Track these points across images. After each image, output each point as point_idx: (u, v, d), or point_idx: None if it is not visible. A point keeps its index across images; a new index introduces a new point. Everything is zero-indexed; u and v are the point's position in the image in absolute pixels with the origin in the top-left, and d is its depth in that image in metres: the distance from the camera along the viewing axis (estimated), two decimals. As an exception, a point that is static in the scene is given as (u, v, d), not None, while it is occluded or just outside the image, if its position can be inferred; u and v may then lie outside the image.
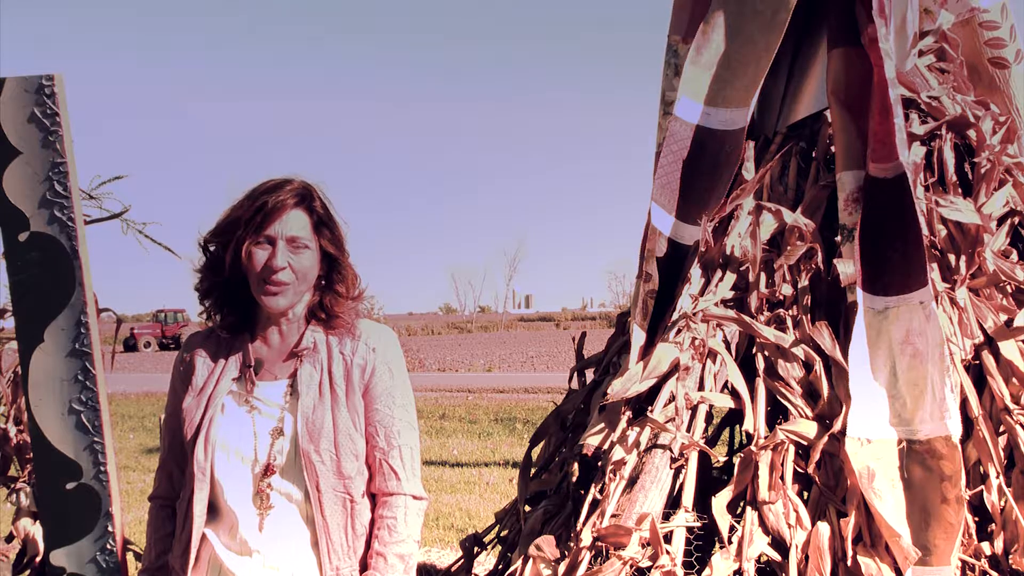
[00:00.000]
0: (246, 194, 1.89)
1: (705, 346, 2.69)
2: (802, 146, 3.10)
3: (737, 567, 2.34)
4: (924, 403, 2.44)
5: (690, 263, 2.87)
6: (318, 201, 1.91)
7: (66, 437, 2.16)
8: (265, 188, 1.87)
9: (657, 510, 2.46)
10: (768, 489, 2.45)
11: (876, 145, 2.62)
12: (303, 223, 1.88)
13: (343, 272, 1.94)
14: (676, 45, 3.27)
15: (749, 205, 2.91)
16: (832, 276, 2.73)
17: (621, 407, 2.68)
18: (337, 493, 1.85)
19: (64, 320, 2.15)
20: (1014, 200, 2.94)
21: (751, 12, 2.82)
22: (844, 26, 2.81)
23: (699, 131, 2.89)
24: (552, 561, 2.49)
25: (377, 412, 1.90)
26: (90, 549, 2.16)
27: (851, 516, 2.38)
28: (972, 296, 2.74)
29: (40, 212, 2.13)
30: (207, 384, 1.92)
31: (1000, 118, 3.09)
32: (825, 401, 2.56)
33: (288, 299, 1.87)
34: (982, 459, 2.54)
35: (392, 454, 1.89)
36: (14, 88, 2.11)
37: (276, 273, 1.83)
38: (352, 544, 1.86)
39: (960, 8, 3.26)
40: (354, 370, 1.90)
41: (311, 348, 1.91)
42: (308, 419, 1.84)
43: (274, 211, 1.84)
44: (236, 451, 1.85)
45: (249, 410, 1.88)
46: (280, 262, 1.83)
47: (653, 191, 2.93)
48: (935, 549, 2.35)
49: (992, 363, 2.62)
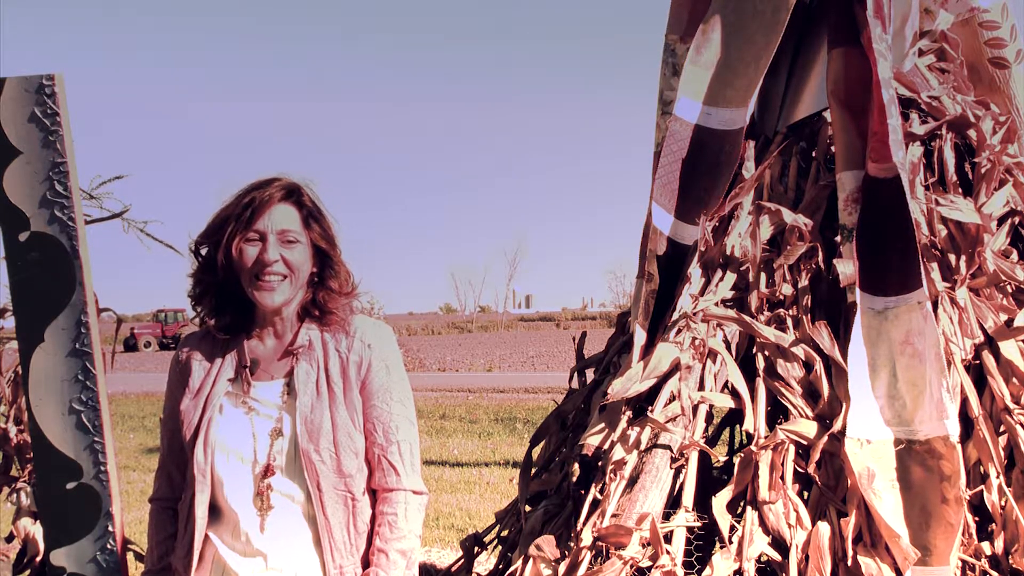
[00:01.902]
0: (235, 194, 1.89)
1: (705, 346, 2.69)
2: (802, 146, 3.10)
3: (737, 567, 2.34)
4: (923, 403, 2.44)
5: (690, 263, 2.87)
6: (306, 196, 1.91)
7: (66, 437, 2.16)
8: (253, 185, 1.88)
9: (657, 510, 2.46)
10: (768, 489, 2.45)
11: (876, 145, 2.62)
12: (293, 217, 1.88)
13: (335, 268, 1.93)
14: (674, 44, 3.27)
15: (749, 205, 2.91)
16: (832, 276, 2.73)
17: (621, 407, 2.67)
18: (338, 492, 1.84)
19: (64, 320, 2.15)
20: (1014, 200, 2.94)
21: (751, 12, 2.82)
22: (844, 26, 2.80)
23: (699, 131, 2.89)
24: (552, 561, 2.49)
25: (375, 408, 1.90)
26: (90, 549, 2.16)
27: (851, 516, 2.37)
28: (972, 296, 2.74)
29: (40, 212, 2.13)
30: (203, 385, 1.92)
31: (1000, 118, 3.09)
32: (825, 401, 2.56)
33: (283, 295, 1.87)
34: (982, 459, 2.54)
35: (391, 450, 1.89)
36: (14, 88, 2.11)
37: (268, 267, 1.83)
38: (354, 542, 1.86)
39: (960, 8, 3.25)
40: (350, 367, 1.89)
41: (306, 346, 1.91)
42: (307, 418, 1.84)
43: (262, 205, 1.84)
44: (235, 452, 1.85)
45: (247, 411, 1.88)
46: (272, 255, 1.83)
47: (653, 191, 2.93)
48: (935, 549, 2.34)
49: (992, 363, 2.62)
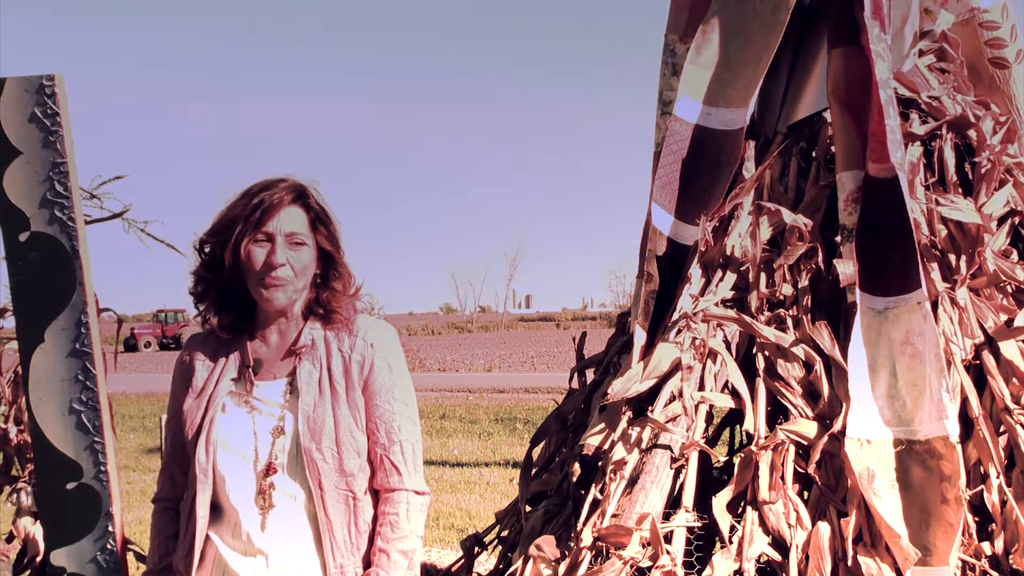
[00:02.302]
0: (241, 193, 1.89)
1: (705, 346, 2.69)
2: (802, 146, 3.10)
3: (737, 567, 2.34)
4: (923, 403, 2.44)
5: (690, 263, 2.87)
6: (313, 198, 1.92)
7: (66, 437, 2.16)
8: (261, 186, 1.88)
9: (657, 510, 2.45)
10: (768, 489, 2.44)
11: (876, 145, 2.62)
12: (300, 219, 1.88)
13: (339, 269, 1.94)
14: (673, 44, 3.27)
15: (749, 205, 2.91)
16: (832, 276, 2.73)
17: (622, 407, 2.67)
18: (339, 491, 1.84)
19: (65, 320, 2.15)
20: (1014, 200, 2.94)
21: (751, 12, 2.82)
22: (844, 26, 2.80)
23: (699, 131, 2.88)
24: (552, 561, 2.48)
25: (377, 408, 1.90)
26: (90, 549, 2.16)
27: (851, 516, 2.37)
28: (972, 296, 2.74)
29: (41, 212, 2.13)
30: (207, 385, 1.92)
31: (1000, 118, 3.09)
32: (825, 401, 2.56)
33: (287, 295, 1.87)
34: (982, 459, 2.54)
35: (393, 450, 1.89)
36: (14, 88, 2.11)
37: (275, 270, 1.83)
38: (355, 541, 1.86)
39: (960, 8, 3.26)
40: (353, 366, 1.90)
41: (309, 345, 1.91)
42: (309, 417, 1.84)
43: (272, 208, 1.85)
44: (238, 451, 1.85)
45: (249, 410, 1.88)
46: (279, 258, 1.83)
47: (653, 191, 2.92)
48: (935, 549, 2.34)
49: (992, 363, 2.62)
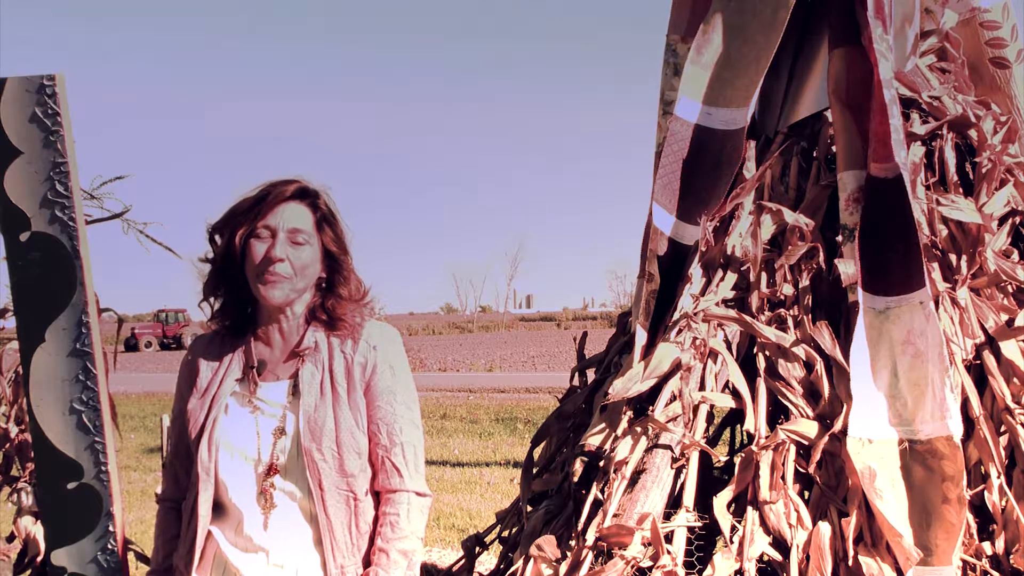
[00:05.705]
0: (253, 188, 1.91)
1: (706, 346, 2.69)
2: (803, 146, 3.09)
3: (738, 567, 2.34)
4: (925, 403, 2.44)
5: (691, 263, 2.87)
6: (322, 199, 1.92)
7: (67, 437, 2.16)
8: (271, 182, 1.90)
9: (658, 510, 2.45)
10: (769, 489, 2.44)
11: (877, 145, 2.62)
12: (305, 217, 1.88)
13: (345, 275, 1.93)
14: (675, 44, 3.27)
15: (750, 205, 2.91)
16: (833, 276, 2.73)
17: (622, 407, 2.67)
18: (340, 491, 1.85)
19: (65, 320, 2.14)
20: (1015, 200, 2.94)
21: (751, 11, 2.82)
22: (845, 26, 2.80)
23: (699, 131, 2.88)
24: (553, 561, 2.48)
25: (379, 410, 1.90)
26: (91, 549, 2.16)
27: (852, 516, 2.37)
28: (973, 296, 2.74)
29: (41, 212, 2.13)
30: (211, 385, 1.93)
31: (1001, 118, 3.09)
32: (826, 401, 2.56)
33: (285, 292, 1.87)
34: (983, 459, 2.53)
35: (394, 451, 1.90)
36: (15, 88, 2.11)
37: (274, 264, 1.83)
38: (356, 542, 1.87)
39: (961, 8, 3.25)
40: (355, 368, 1.90)
41: (312, 348, 1.91)
42: (310, 418, 1.84)
43: (275, 201, 1.85)
44: (240, 451, 1.86)
45: (252, 410, 1.89)
46: (279, 253, 1.83)
47: (654, 191, 2.92)
48: (936, 549, 2.34)
49: (993, 363, 2.62)
